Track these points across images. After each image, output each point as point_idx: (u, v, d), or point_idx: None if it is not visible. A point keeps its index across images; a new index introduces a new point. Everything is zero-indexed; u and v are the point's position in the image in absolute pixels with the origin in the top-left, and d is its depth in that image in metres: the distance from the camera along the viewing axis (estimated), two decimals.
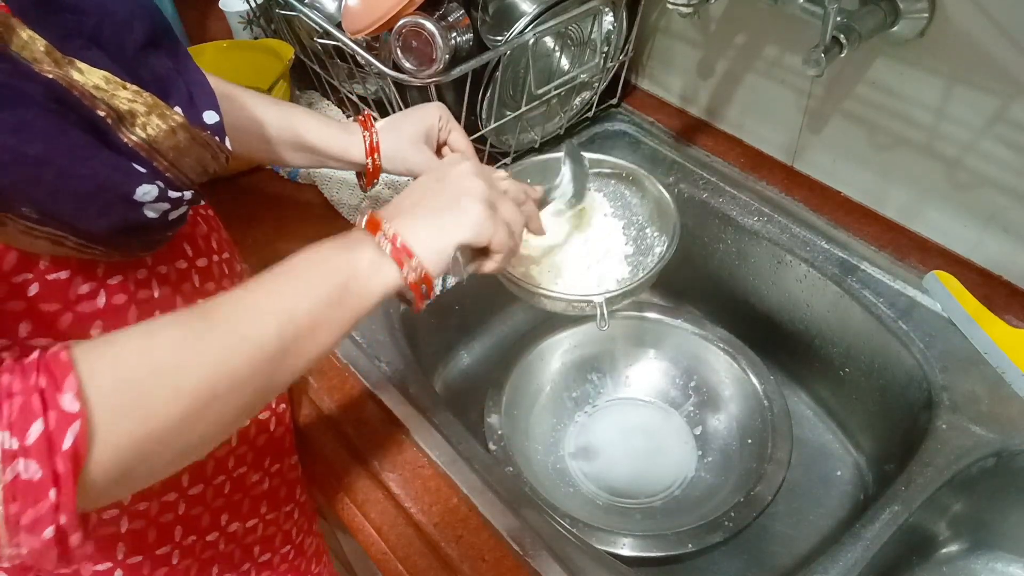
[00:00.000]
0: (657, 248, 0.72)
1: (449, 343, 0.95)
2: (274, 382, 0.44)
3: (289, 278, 0.45)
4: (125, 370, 0.38)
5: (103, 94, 0.40)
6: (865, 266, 0.79)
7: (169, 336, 0.40)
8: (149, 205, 0.43)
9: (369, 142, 0.69)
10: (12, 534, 0.35)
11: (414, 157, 0.69)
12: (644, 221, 0.75)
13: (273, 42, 1.00)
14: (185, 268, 0.53)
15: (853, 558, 0.60)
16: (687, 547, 0.70)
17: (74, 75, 0.39)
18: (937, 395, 0.69)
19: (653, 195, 0.74)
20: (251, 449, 0.63)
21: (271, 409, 0.65)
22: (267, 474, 0.65)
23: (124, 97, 0.41)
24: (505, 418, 0.82)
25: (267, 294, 0.44)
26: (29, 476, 0.34)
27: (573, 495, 0.81)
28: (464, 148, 0.72)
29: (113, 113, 0.41)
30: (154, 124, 0.42)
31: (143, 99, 0.42)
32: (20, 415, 0.34)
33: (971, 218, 0.76)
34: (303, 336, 0.44)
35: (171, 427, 0.39)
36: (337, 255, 0.47)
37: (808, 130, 0.86)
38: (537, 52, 0.81)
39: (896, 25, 0.70)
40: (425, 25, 0.74)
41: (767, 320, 0.90)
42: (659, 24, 0.96)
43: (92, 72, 0.40)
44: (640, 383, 0.91)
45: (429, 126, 0.70)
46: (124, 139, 0.42)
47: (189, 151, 0.45)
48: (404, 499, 0.63)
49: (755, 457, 0.79)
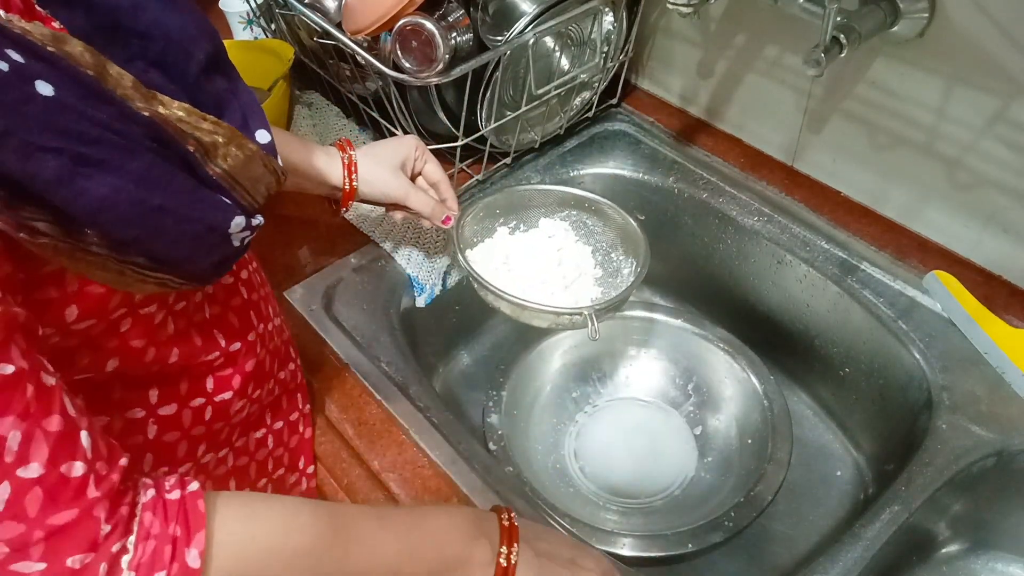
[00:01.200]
0: (625, 270, 0.77)
1: (449, 343, 0.95)
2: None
3: (417, 534, 0.49)
4: (253, 551, 0.42)
5: (187, 127, 0.40)
6: (865, 266, 0.79)
7: (302, 540, 0.44)
8: (236, 235, 0.44)
9: (347, 163, 0.70)
10: None
11: (391, 181, 0.71)
12: (608, 246, 0.79)
13: (273, 42, 1.00)
14: (232, 283, 0.56)
15: (853, 558, 0.60)
16: (687, 547, 0.70)
17: (160, 110, 0.39)
18: (937, 395, 0.69)
19: (617, 222, 0.78)
20: (287, 451, 0.64)
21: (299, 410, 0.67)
22: (303, 475, 0.67)
23: (206, 129, 0.41)
24: (505, 418, 0.82)
25: (395, 539, 0.48)
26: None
27: (573, 495, 0.81)
28: (439, 179, 0.74)
29: (200, 146, 0.41)
30: (233, 154, 0.43)
31: (223, 130, 0.42)
32: (150, 559, 0.37)
33: (971, 218, 0.76)
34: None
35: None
36: (463, 542, 0.50)
37: (808, 130, 0.86)
38: (537, 52, 0.81)
39: (896, 25, 0.70)
40: (425, 25, 0.74)
41: (767, 320, 0.90)
42: (659, 24, 0.96)
43: (171, 104, 0.40)
44: (640, 383, 0.91)
45: (405, 155, 0.72)
46: (210, 171, 0.42)
47: (262, 178, 0.45)
48: (404, 499, 0.63)
49: (755, 457, 0.79)
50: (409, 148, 0.73)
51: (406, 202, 0.72)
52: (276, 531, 0.43)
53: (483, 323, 0.98)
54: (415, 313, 0.84)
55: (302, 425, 0.67)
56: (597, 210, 0.80)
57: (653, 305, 0.93)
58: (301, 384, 0.67)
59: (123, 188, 0.36)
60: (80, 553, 0.35)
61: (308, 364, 0.73)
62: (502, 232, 0.81)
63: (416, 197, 0.71)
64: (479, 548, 0.50)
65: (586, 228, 0.81)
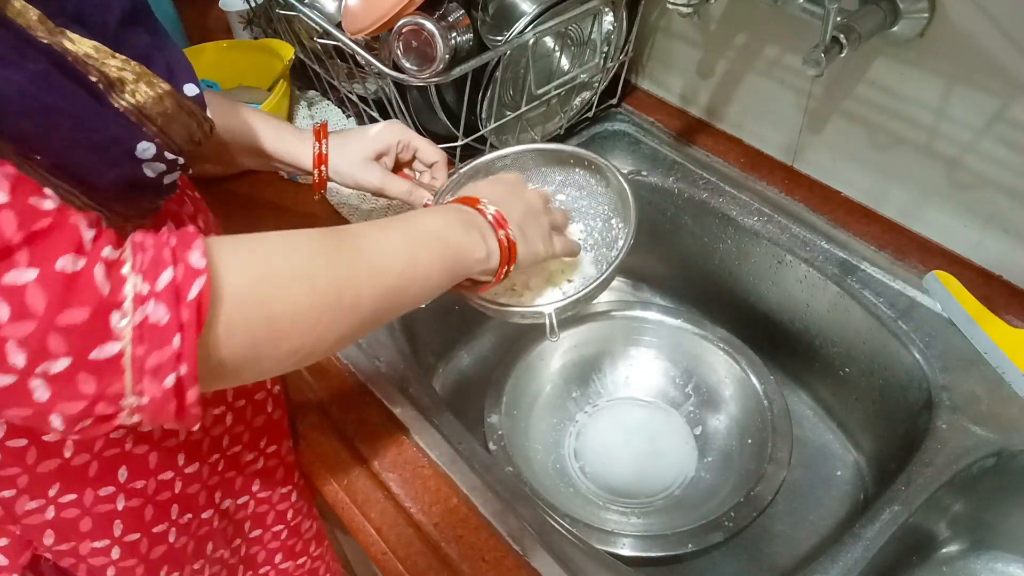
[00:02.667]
0: (620, 241, 0.70)
1: (449, 343, 0.95)
2: (380, 317, 0.49)
3: (418, 230, 0.53)
4: (263, 252, 0.43)
5: (94, 61, 0.41)
6: (865, 266, 0.79)
7: (308, 241, 0.46)
8: (148, 163, 0.44)
9: (317, 152, 0.70)
10: (137, 379, 0.37)
11: (360, 175, 0.70)
12: (610, 212, 0.74)
13: (273, 42, 1.00)
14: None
15: (853, 558, 0.60)
16: (687, 547, 0.70)
17: (66, 43, 0.40)
18: (937, 395, 0.69)
19: (615, 186, 0.72)
20: (248, 429, 0.64)
21: (266, 390, 0.66)
22: (262, 454, 0.66)
23: (113, 65, 0.42)
24: (505, 418, 0.82)
25: (402, 235, 0.51)
26: (157, 319, 0.36)
27: (573, 495, 0.81)
28: (438, 159, 0.73)
29: (104, 79, 0.42)
30: (142, 91, 0.43)
31: (131, 67, 0.43)
32: (151, 264, 0.37)
33: (971, 218, 0.76)
34: (416, 286, 0.51)
35: (296, 315, 0.42)
36: (458, 229, 0.54)
37: (808, 130, 0.86)
38: (537, 52, 0.81)
39: (896, 25, 0.69)
40: (425, 25, 0.74)
41: (767, 320, 0.90)
42: (659, 24, 0.96)
43: (82, 41, 0.41)
44: (640, 383, 0.91)
45: (384, 147, 0.71)
46: (116, 104, 0.43)
47: (176, 118, 0.46)
48: (404, 499, 0.63)
49: (755, 457, 0.79)
50: (390, 138, 0.71)
51: (382, 193, 0.71)
52: (279, 242, 0.44)
53: (483, 323, 0.98)
54: (415, 313, 0.83)
55: (271, 405, 0.66)
56: (596, 169, 0.73)
57: (653, 305, 0.93)
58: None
59: (14, 81, 0.37)
60: (68, 254, 0.35)
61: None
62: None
63: (391, 186, 0.70)
64: (472, 236, 0.55)
65: (582, 192, 0.75)
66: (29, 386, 0.34)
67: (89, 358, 0.35)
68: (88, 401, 0.36)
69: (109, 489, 0.54)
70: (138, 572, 0.58)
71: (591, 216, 0.75)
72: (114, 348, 0.36)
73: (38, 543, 0.53)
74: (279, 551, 0.72)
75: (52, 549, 0.54)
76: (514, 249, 0.57)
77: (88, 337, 0.35)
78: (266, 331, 0.41)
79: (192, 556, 0.62)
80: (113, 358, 0.36)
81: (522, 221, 0.59)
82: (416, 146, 0.72)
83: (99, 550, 0.55)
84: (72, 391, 0.35)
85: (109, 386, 0.36)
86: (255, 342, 0.41)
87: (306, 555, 0.75)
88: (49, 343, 0.34)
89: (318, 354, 0.46)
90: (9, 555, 0.52)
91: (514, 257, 0.57)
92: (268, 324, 0.41)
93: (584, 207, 0.76)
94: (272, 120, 0.71)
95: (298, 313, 0.43)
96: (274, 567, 0.73)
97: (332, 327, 0.45)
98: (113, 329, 0.36)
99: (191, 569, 0.63)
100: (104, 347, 0.35)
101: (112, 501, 0.54)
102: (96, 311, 0.35)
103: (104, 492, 0.54)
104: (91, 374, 0.35)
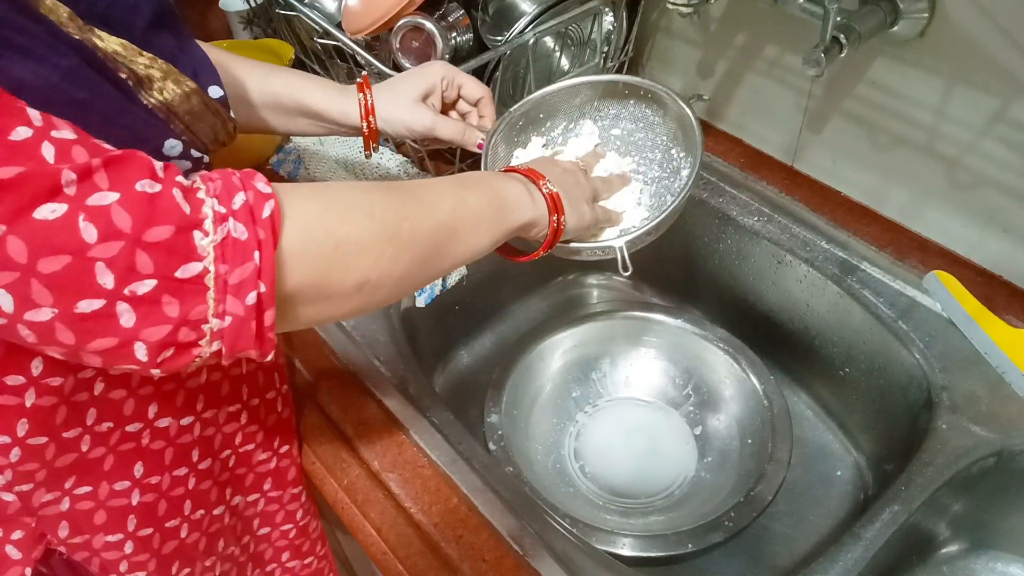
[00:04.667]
0: (684, 170, 0.67)
1: (449, 343, 0.95)
2: (438, 259, 0.50)
3: (462, 177, 0.56)
4: (323, 189, 0.46)
5: (122, 58, 0.42)
6: (865, 266, 0.79)
7: (361, 184, 0.49)
8: (174, 161, 0.45)
9: (364, 104, 0.68)
10: (219, 298, 0.38)
11: (411, 117, 0.68)
12: (669, 142, 0.71)
13: (273, 42, 1.00)
14: None
15: (853, 558, 0.60)
16: (687, 547, 0.70)
17: (95, 40, 0.41)
18: (937, 395, 0.69)
19: (674, 113, 0.69)
20: (261, 428, 0.64)
21: (276, 388, 0.66)
22: (276, 454, 0.66)
23: (141, 63, 0.43)
24: (505, 418, 0.82)
25: (448, 181, 0.54)
26: (237, 235, 0.38)
27: (573, 495, 0.81)
28: (482, 95, 0.71)
29: (133, 76, 0.42)
30: (170, 89, 0.44)
31: (158, 65, 0.44)
32: (224, 190, 0.39)
33: (971, 218, 0.76)
34: (467, 225, 0.52)
35: (360, 243, 0.44)
36: (499, 177, 0.58)
37: (808, 130, 0.86)
38: (537, 52, 0.81)
39: (896, 25, 0.70)
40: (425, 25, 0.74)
41: (767, 320, 0.90)
42: (659, 24, 0.96)
43: (110, 39, 0.41)
44: (640, 383, 0.91)
45: (430, 85, 0.69)
46: (144, 101, 0.43)
47: (202, 116, 0.47)
48: (404, 499, 0.63)
49: (755, 457, 0.79)
50: (433, 78, 0.69)
51: (434, 135, 0.69)
52: (335, 185, 0.47)
53: (483, 323, 0.98)
54: (415, 313, 0.84)
55: (280, 404, 0.66)
56: (653, 98, 0.70)
57: (653, 305, 0.93)
58: (278, 364, 0.66)
59: (45, 76, 0.37)
60: (145, 178, 0.36)
61: (308, 364, 0.73)
62: (536, 144, 0.73)
63: (443, 127, 0.68)
64: (514, 184, 0.57)
65: (638, 125, 0.73)
66: (116, 310, 0.35)
67: (175, 276, 0.36)
68: (172, 325, 0.37)
69: (124, 484, 0.54)
70: (150, 567, 0.58)
71: (649, 148, 0.73)
72: (197, 267, 0.37)
73: (53, 535, 0.53)
74: (286, 549, 0.72)
75: (66, 542, 0.54)
76: (559, 200, 0.58)
77: (173, 255, 0.36)
78: (334, 256, 0.43)
79: (204, 552, 0.62)
80: (196, 276, 0.37)
81: (560, 180, 0.60)
82: (460, 82, 0.71)
83: (112, 544, 0.55)
84: (157, 315, 0.36)
85: (193, 308, 0.37)
86: (326, 267, 0.43)
87: (313, 555, 0.75)
88: (137, 261, 0.35)
89: (385, 289, 0.47)
90: (23, 549, 0.52)
91: (561, 208, 0.58)
92: (335, 249, 0.43)
93: (640, 140, 0.73)
94: (313, 77, 0.70)
95: (362, 240, 0.44)
96: (281, 565, 0.73)
97: (396, 260, 0.46)
98: (197, 247, 0.37)
99: (202, 565, 0.63)
100: (188, 266, 0.37)
101: (127, 496, 0.54)
102: (180, 228, 0.36)
103: (119, 487, 0.54)
104: (175, 296, 0.37)
